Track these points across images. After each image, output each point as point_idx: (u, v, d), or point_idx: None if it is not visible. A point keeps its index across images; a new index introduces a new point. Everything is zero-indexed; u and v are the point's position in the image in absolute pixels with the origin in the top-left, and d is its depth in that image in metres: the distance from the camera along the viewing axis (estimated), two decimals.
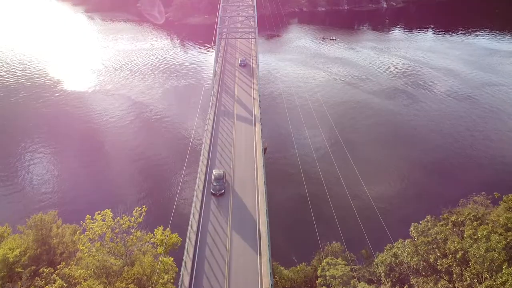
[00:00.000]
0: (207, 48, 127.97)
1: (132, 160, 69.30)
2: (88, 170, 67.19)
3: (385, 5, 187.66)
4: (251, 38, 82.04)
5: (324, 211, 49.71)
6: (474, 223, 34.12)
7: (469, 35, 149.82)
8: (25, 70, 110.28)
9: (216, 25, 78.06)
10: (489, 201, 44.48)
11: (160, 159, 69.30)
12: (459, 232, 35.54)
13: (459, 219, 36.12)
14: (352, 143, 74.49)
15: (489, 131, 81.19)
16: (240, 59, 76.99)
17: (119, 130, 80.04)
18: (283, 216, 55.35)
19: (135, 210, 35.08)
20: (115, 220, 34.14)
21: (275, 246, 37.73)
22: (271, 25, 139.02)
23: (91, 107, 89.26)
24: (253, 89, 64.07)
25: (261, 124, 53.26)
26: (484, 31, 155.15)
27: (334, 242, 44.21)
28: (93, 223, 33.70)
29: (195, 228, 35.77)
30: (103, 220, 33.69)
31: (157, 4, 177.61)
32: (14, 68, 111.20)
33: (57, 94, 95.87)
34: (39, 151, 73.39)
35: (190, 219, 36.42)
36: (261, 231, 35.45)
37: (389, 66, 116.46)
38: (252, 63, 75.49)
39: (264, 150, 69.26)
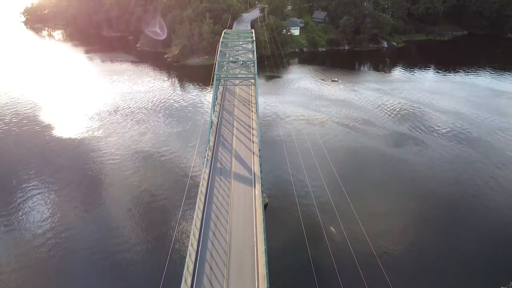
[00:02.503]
0: (205, 90, 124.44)
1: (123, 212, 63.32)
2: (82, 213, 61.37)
3: (386, 45, 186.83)
4: (251, 85, 77.77)
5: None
6: None
7: (473, 75, 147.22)
8: (17, 113, 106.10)
9: (214, 71, 74.16)
10: None
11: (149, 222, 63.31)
12: None
13: None
14: (355, 193, 68.83)
15: (507, 182, 75.42)
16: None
17: (109, 180, 74.46)
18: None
19: None
20: None
21: None
22: (271, 66, 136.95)
23: (82, 154, 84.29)
24: (253, 142, 58.88)
25: (261, 185, 47.65)
26: (487, 71, 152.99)
27: None
28: None
29: None
30: None
31: (156, 45, 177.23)
32: (4, 111, 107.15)
33: (47, 139, 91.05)
34: (32, 193, 70.02)
35: None
36: None
37: (393, 109, 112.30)
38: (252, 111, 70.79)
39: (265, 206, 63.68)
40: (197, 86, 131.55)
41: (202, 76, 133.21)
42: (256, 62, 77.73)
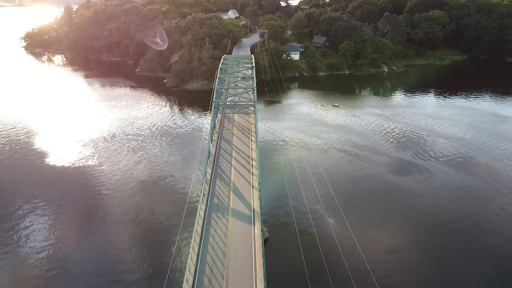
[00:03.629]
0: (204, 116, 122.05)
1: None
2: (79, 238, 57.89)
3: (386, 69, 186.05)
4: (250, 113, 75.34)
5: None
6: None
7: (475, 100, 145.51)
8: (10, 140, 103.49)
9: (212, 99, 71.88)
10: None
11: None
12: None
13: None
14: (358, 226, 65.97)
15: None
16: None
17: (104, 210, 71.08)
18: None
19: None
20: None
21: None
22: (271, 91, 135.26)
23: (75, 182, 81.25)
24: (252, 174, 55.89)
25: (261, 223, 44.39)
26: (489, 95, 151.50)
27: None
28: None
29: None
30: None
31: (155, 70, 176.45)
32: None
33: (41, 168, 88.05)
34: (28, 220, 68.54)
35: None
36: None
37: (396, 135, 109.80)
38: (251, 140, 68.08)
39: (265, 240, 60.10)
40: (196, 112, 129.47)
41: (201, 101, 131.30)
42: (255, 89, 75.61)
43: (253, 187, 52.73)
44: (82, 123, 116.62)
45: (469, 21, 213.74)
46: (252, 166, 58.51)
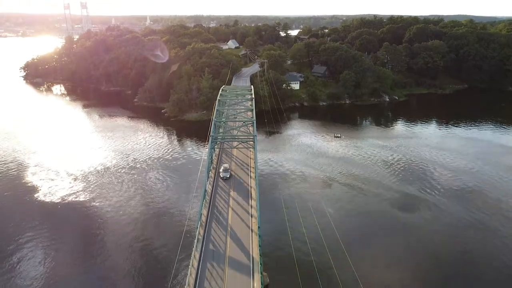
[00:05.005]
0: (202, 146, 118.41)
1: None
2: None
3: (387, 99, 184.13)
4: (249, 147, 71.73)
5: None
6: None
7: (479, 130, 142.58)
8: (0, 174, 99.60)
9: (209, 133, 68.52)
10: None
11: None
12: None
13: None
14: (364, 269, 61.52)
15: None
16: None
17: (97, 248, 66.31)
18: None
19: None
20: None
21: None
22: (270, 121, 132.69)
23: (67, 218, 76.71)
24: (252, 216, 51.64)
25: (261, 274, 39.84)
26: (494, 125, 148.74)
27: None
28: None
29: None
30: None
31: (154, 100, 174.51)
32: None
33: (30, 204, 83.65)
34: (24, 255, 64.84)
35: None
36: None
37: (400, 167, 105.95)
38: (251, 177, 64.14)
39: (265, 287, 55.19)
40: (194, 143, 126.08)
41: (199, 132, 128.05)
42: (255, 122, 72.50)
43: (252, 231, 48.43)
44: (76, 155, 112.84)
45: (469, 51, 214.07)
46: (251, 206, 54.36)
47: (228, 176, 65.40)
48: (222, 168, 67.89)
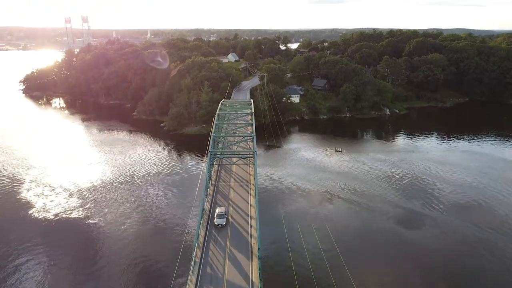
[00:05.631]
0: (201, 161, 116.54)
1: None
2: None
3: (388, 112, 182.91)
4: (249, 164, 69.82)
5: None
6: None
7: (481, 144, 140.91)
8: None
9: (208, 149, 66.76)
10: None
11: None
12: None
13: None
14: (364, 284, 59.98)
15: None
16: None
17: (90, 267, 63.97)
18: None
19: None
20: None
21: None
22: (270, 135, 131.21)
23: (58, 238, 74.49)
24: (251, 237, 49.52)
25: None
26: (495, 139, 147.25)
27: None
28: None
29: None
30: None
31: (153, 113, 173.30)
32: None
33: (24, 220, 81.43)
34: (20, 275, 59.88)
35: None
36: None
37: (403, 183, 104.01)
38: (250, 194, 62.05)
39: None
40: (193, 157, 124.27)
41: (198, 146, 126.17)
42: (255, 137, 70.77)
43: (251, 252, 46.25)
44: (73, 170, 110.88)
45: (469, 64, 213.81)
46: (251, 226, 52.24)
47: (224, 223, 51.72)
48: (216, 211, 53.78)
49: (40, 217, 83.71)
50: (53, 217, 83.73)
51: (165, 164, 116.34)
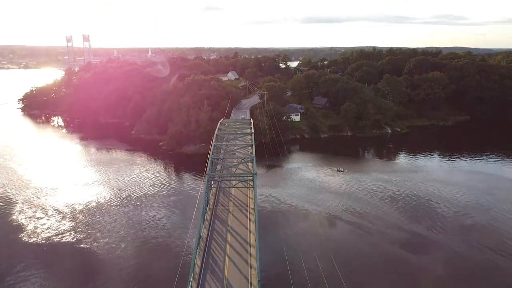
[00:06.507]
0: (199, 181, 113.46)
1: None
2: None
3: (389, 131, 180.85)
4: (249, 187, 67.13)
5: None
6: None
7: (485, 163, 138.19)
8: None
9: (205, 171, 64.21)
10: None
11: None
12: None
13: None
14: None
15: None
16: None
17: None
18: None
19: None
20: None
21: None
22: (270, 154, 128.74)
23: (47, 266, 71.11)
24: (251, 267, 46.47)
25: None
26: (499, 158, 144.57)
27: None
28: None
29: None
30: None
31: (152, 132, 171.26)
32: None
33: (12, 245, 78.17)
34: None
35: None
36: None
37: (407, 204, 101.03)
38: (250, 219, 59.19)
39: None
40: (191, 177, 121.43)
41: (197, 166, 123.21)
42: (255, 159, 68.44)
43: (251, 284, 43.16)
44: (68, 191, 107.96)
45: (470, 82, 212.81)
46: (250, 254, 49.24)
47: None
48: None
49: (30, 241, 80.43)
50: (44, 241, 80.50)
51: (162, 185, 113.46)
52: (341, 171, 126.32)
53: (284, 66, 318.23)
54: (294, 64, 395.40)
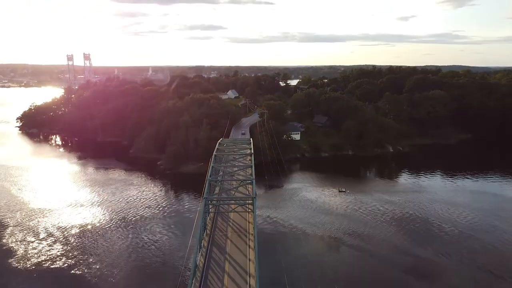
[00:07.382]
0: (198, 201, 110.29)
1: None
2: None
3: (391, 150, 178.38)
4: (249, 211, 64.15)
5: None
6: None
7: (490, 183, 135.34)
8: None
9: (203, 195, 61.36)
10: None
11: None
12: None
13: None
14: None
15: None
16: None
17: None
18: None
19: None
20: None
21: None
22: (270, 174, 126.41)
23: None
24: None
25: None
26: (504, 178, 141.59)
27: None
28: None
29: None
30: None
31: (150, 151, 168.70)
32: None
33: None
34: None
35: None
36: None
37: (413, 227, 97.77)
38: (249, 246, 55.99)
39: None
40: (189, 198, 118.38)
41: (195, 186, 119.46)
42: (254, 181, 65.69)
43: None
44: (61, 213, 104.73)
45: (471, 100, 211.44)
46: (249, 285, 45.96)
47: None
48: None
49: (19, 267, 76.90)
50: (34, 266, 76.98)
51: (159, 207, 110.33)
52: (343, 191, 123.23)
53: (284, 84, 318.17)
54: (294, 82, 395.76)
